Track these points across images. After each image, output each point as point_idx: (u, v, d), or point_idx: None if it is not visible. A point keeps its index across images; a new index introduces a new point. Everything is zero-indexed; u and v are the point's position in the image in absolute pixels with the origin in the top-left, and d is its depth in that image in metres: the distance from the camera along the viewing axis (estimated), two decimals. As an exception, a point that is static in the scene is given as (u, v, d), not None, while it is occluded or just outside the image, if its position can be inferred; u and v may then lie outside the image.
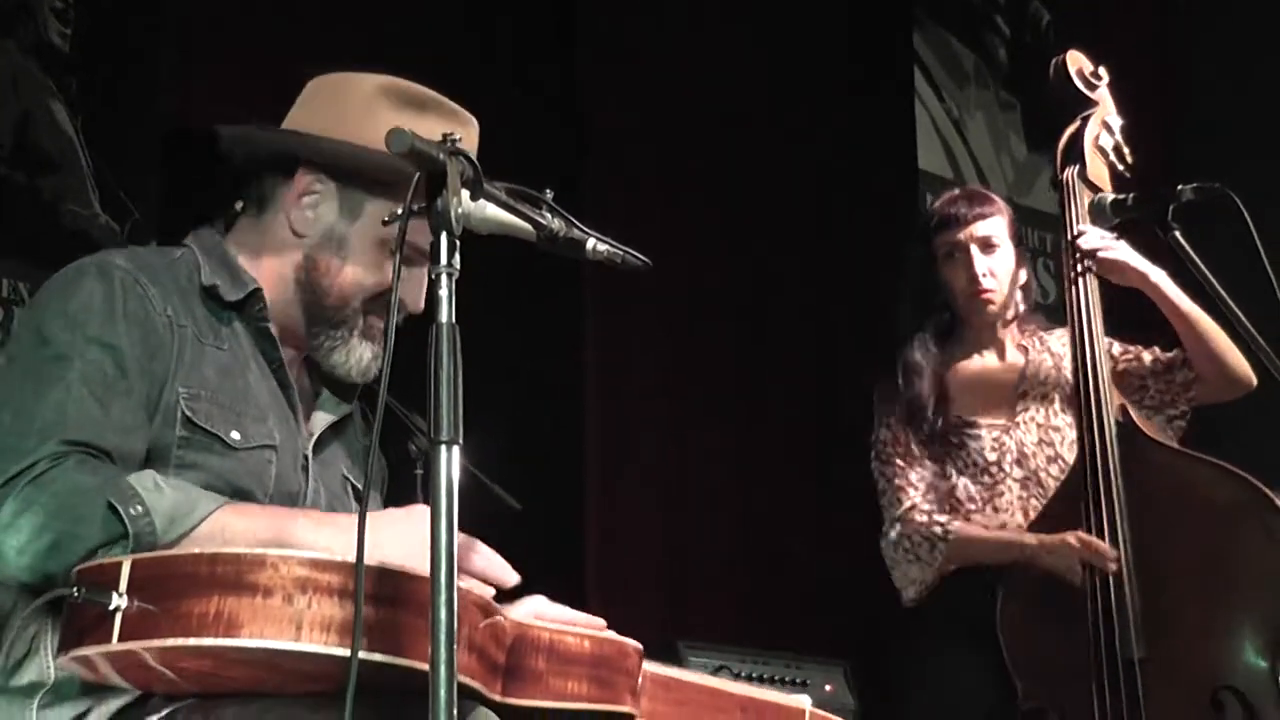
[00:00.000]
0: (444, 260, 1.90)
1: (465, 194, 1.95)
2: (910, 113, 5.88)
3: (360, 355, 2.41)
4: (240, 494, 2.23)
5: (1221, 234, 3.23)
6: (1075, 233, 3.73)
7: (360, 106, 2.37)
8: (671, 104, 5.28)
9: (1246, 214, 3.08)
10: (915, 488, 3.83)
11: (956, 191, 4.02)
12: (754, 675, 4.36)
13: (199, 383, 2.27)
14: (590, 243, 2.19)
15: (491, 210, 2.08)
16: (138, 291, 2.26)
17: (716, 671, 4.15)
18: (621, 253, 2.21)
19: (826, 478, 5.36)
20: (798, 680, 4.38)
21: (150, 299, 2.26)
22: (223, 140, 2.45)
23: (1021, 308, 3.91)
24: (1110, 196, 3.57)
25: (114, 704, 2.10)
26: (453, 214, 1.89)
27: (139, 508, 2.05)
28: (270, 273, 2.41)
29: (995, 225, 3.86)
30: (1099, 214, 3.58)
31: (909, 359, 3.88)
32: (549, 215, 2.16)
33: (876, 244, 5.75)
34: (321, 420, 2.47)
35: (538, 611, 2.27)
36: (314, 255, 2.40)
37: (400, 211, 1.96)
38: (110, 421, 2.16)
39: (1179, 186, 3.35)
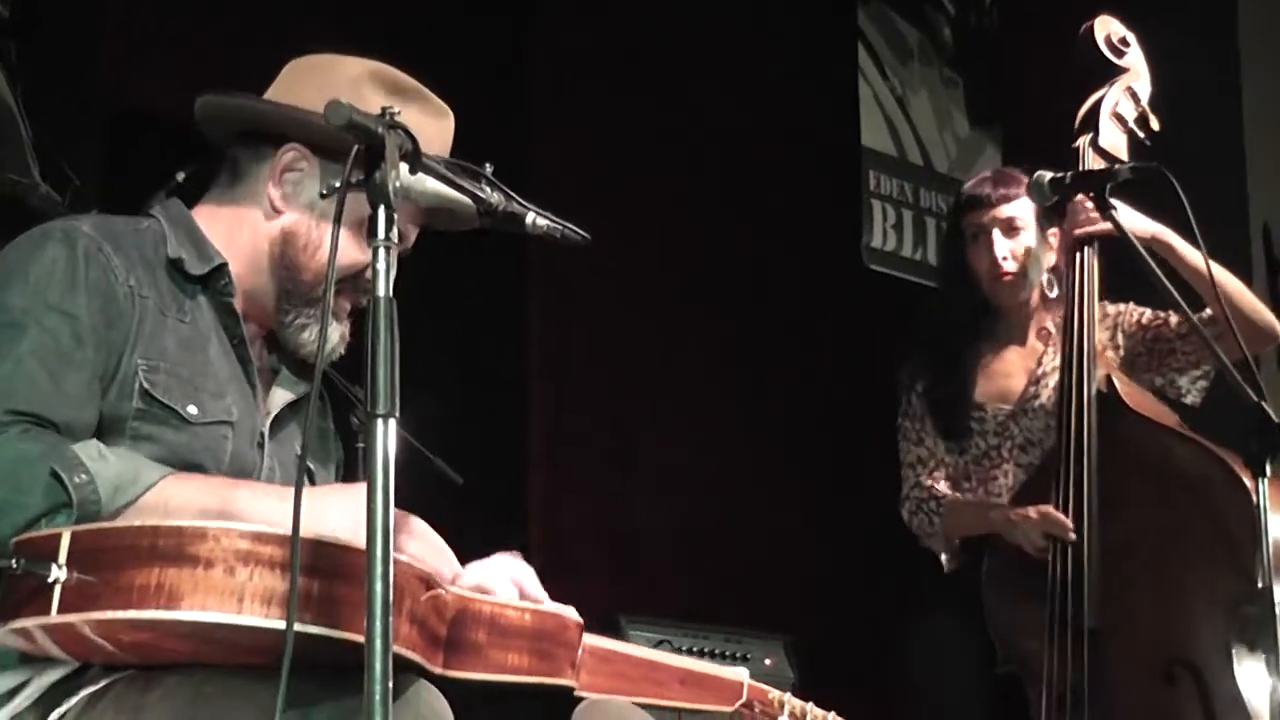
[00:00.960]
0: (382, 233, 1.90)
1: (404, 167, 1.96)
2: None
3: (330, 339, 2.40)
4: (194, 469, 2.22)
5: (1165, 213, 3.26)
6: (1069, 223, 3.75)
7: (347, 90, 2.32)
8: (622, 87, 5.29)
9: (1181, 192, 3.11)
10: (923, 464, 3.90)
11: (986, 173, 4.03)
12: (695, 649, 4.39)
13: (158, 355, 2.26)
14: (530, 217, 2.21)
15: (431, 184, 2.10)
16: (100, 260, 2.25)
17: (658, 645, 4.18)
18: (561, 227, 2.23)
19: (773, 455, 5.38)
20: (738, 654, 4.41)
21: (113, 269, 2.25)
22: (204, 109, 2.42)
23: (1054, 291, 3.91)
24: (1049, 175, 3.59)
25: (52, 675, 2.10)
26: (390, 187, 1.90)
27: (83, 476, 2.05)
28: (243, 247, 2.40)
29: (1020, 207, 3.87)
30: (1038, 192, 3.61)
31: (936, 341, 3.93)
32: (488, 189, 2.18)
33: (830, 224, 5.80)
34: (280, 398, 2.46)
35: (510, 571, 2.29)
36: (293, 231, 2.40)
37: (338, 184, 1.97)
38: (61, 393, 2.15)
39: (1116, 166, 3.38)
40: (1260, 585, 3.40)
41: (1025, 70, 5.95)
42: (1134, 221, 3.67)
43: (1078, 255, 3.74)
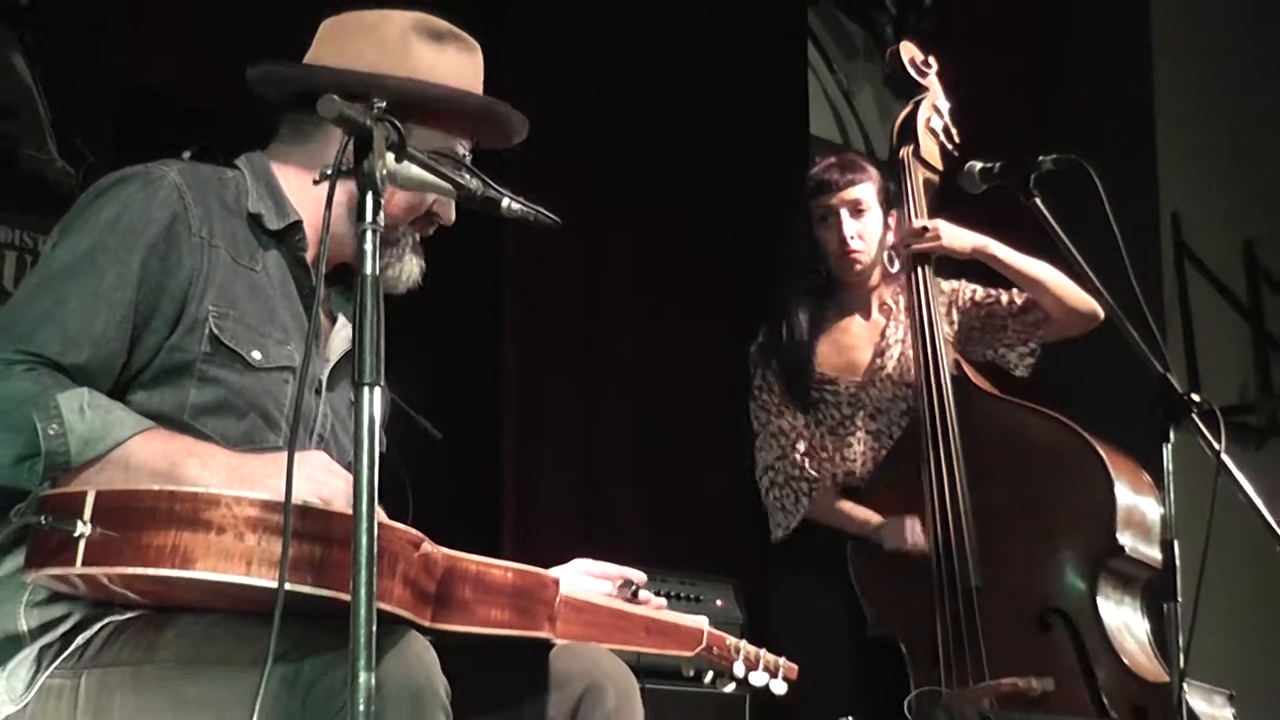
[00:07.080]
0: (369, 217, 1.95)
1: (390, 156, 2.01)
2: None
3: (410, 270, 2.44)
4: (257, 411, 2.26)
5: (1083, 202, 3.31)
6: (902, 237, 3.94)
7: (397, 44, 2.39)
8: (579, 82, 5.29)
9: (1099, 184, 3.16)
10: (785, 436, 3.93)
11: (832, 159, 4.11)
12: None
13: (228, 302, 2.26)
14: (505, 201, 2.26)
15: (415, 170, 2.14)
16: (177, 207, 2.25)
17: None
18: (534, 211, 2.29)
19: (727, 414, 5.43)
20: (693, 596, 4.45)
21: (190, 218, 2.25)
22: (262, 75, 2.40)
23: (894, 268, 4.00)
24: (979, 165, 3.64)
25: (82, 610, 2.14)
26: (378, 175, 1.95)
27: (55, 427, 2.05)
28: (319, 200, 2.29)
29: (865, 190, 3.97)
30: (968, 181, 3.66)
31: (786, 317, 3.99)
32: (467, 175, 2.26)
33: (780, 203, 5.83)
34: (338, 346, 2.45)
35: (584, 568, 2.51)
36: None
37: (331, 171, 2.01)
38: (86, 333, 2.15)
39: (1039, 157, 3.43)
40: (1122, 540, 3.63)
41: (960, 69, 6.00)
42: (957, 236, 3.90)
43: (916, 270, 3.90)
